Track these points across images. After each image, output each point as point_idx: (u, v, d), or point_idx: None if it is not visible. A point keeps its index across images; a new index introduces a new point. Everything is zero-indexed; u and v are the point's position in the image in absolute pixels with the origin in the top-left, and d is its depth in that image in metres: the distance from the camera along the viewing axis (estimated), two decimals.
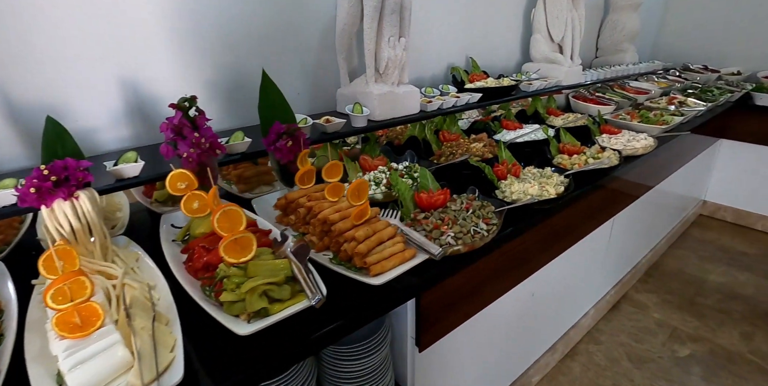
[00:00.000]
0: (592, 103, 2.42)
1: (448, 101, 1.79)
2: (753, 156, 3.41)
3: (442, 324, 1.32)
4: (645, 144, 2.01)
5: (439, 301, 1.23)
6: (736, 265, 3.01)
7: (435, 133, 1.85)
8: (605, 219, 2.05)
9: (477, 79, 2.12)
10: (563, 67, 2.36)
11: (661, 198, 2.79)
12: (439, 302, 1.24)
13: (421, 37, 2.03)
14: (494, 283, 1.44)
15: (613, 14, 3.13)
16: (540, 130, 1.97)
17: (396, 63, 1.62)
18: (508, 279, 1.50)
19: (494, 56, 2.47)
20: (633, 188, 2.26)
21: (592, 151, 1.84)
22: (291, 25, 1.60)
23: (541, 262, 1.67)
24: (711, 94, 3.04)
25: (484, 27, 2.33)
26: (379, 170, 1.51)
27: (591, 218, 1.88)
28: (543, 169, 1.67)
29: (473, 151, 1.67)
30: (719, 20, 3.81)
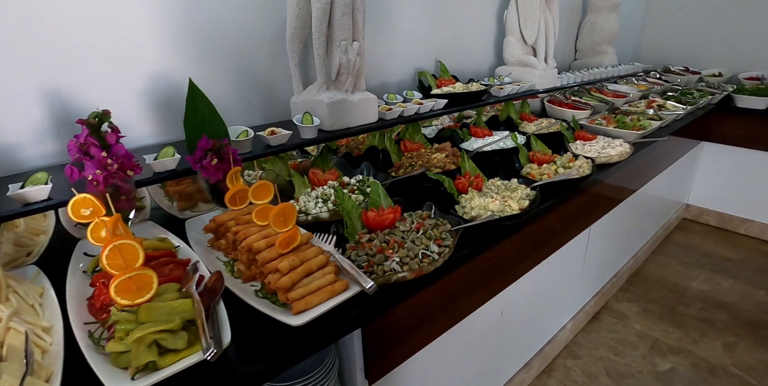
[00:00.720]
0: (567, 108, 2.30)
1: (409, 108, 1.66)
2: (735, 158, 3.31)
3: (394, 353, 1.19)
4: (620, 151, 1.89)
5: (387, 331, 1.10)
6: (720, 272, 2.90)
7: (397, 142, 1.72)
8: (580, 230, 1.92)
9: (445, 84, 1.99)
10: (537, 71, 2.24)
11: (643, 203, 2.67)
12: (387, 332, 1.10)
13: (386, 40, 1.90)
14: (454, 306, 1.30)
15: (592, 15, 3.02)
16: (510, 138, 1.84)
17: (349, 69, 1.48)
18: (470, 300, 1.37)
19: (466, 59, 2.34)
20: (610, 195, 2.14)
21: (564, 159, 1.72)
22: (241, 29, 1.47)
23: (509, 279, 1.54)
24: (691, 97, 2.93)
25: (455, 29, 2.20)
26: (329, 185, 1.37)
27: (563, 230, 1.75)
28: (509, 180, 1.54)
29: (434, 162, 1.53)
30: (700, 21, 3.71)
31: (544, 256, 1.70)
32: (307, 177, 1.41)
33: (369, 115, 1.56)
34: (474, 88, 1.92)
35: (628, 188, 2.33)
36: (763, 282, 2.80)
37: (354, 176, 1.47)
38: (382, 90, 1.92)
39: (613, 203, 2.20)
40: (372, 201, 1.28)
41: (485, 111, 2.36)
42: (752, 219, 3.33)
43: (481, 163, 1.68)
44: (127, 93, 1.29)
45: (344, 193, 1.22)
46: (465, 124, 2.07)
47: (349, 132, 1.49)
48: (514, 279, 1.55)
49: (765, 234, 3.29)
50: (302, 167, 1.46)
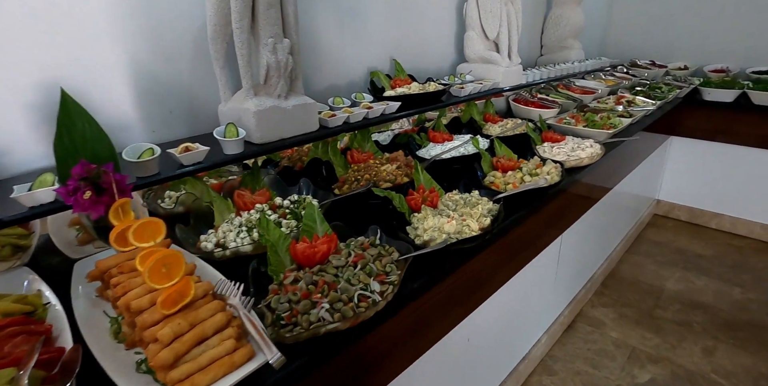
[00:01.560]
0: (533, 107, 2.11)
1: (356, 113, 1.44)
2: (704, 152, 3.20)
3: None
4: (591, 152, 1.71)
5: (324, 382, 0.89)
6: (693, 269, 2.78)
7: (344, 152, 1.50)
8: (551, 239, 1.74)
9: (400, 85, 1.77)
10: (500, 68, 2.05)
11: (615, 202, 2.53)
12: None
13: (333, 36, 1.67)
14: (407, 348, 1.10)
15: (557, 9, 2.84)
16: (471, 143, 1.64)
17: (280, 71, 1.25)
18: (427, 336, 1.17)
19: (425, 57, 2.13)
20: (582, 199, 1.97)
21: (530, 165, 1.53)
22: (157, 28, 1.23)
23: (473, 305, 1.34)
24: (660, 91, 2.80)
25: (413, 23, 1.99)
26: (257, 209, 1.14)
27: (532, 243, 1.57)
28: (470, 192, 1.34)
29: (383, 175, 1.32)
30: (664, 15, 3.59)
31: (513, 273, 1.51)
32: (232, 200, 1.17)
33: (307, 123, 1.33)
34: (431, 89, 1.71)
35: (600, 189, 2.17)
36: (736, 278, 2.69)
37: (290, 196, 1.25)
38: (330, 93, 1.69)
39: (585, 206, 2.03)
40: (305, 227, 1.05)
41: (449, 111, 2.16)
42: (722, 213, 3.24)
43: (440, 172, 1.47)
44: (8, 106, 1.03)
45: (268, 220, 0.99)
46: (424, 128, 1.86)
47: (283, 144, 1.26)
48: (479, 304, 1.36)
49: (736, 228, 3.21)
50: (228, 188, 1.23)
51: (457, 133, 1.84)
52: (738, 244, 3.09)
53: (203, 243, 1.03)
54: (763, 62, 3.31)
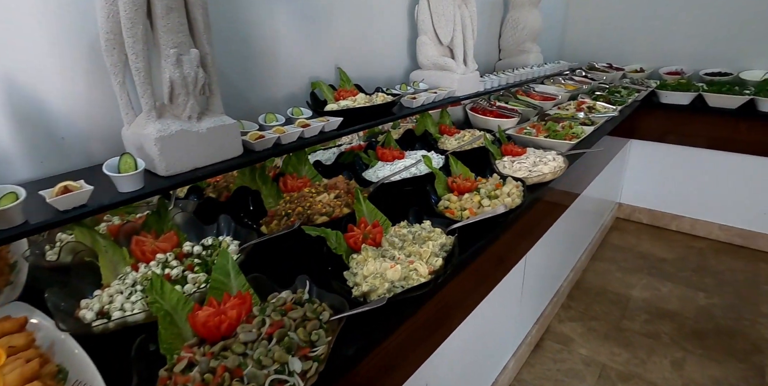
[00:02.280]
0: (492, 116, 1.96)
1: (289, 133, 1.23)
2: (661, 155, 3.16)
3: None
4: (554, 166, 1.57)
5: None
6: (658, 275, 2.72)
7: (276, 178, 1.28)
8: (515, 262, 1.59)
9: (345, 96, 1.58)
10: (455, 75, 1.88)
11: (580, 210, 2.42)
12: None
13: (266, 43, 1.45)
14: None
15: (513, 11, 2.72)
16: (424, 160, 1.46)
17: (187, 87, 1.03)
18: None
19: (375, 64, 1.94)
20: (547, 215, 1.83)
21: (489, 185, 1.36)
22: (43, 36, 0.98)
23: (430, 348, 1.17)
24: (619, 96, 2.72)
25: (361, 27, 1.79)
26: (158, 260, 0.92)
27: (493, 272, 1.41)
28: (422, 222, 1.16)
29: (317, 208, 1.12)
30: (619, 17, 3.54)
31: (474, 305, 1.34)
32: (128, 248, 0.94)
33: (227, 148, 1.12)
34: (379, 100, 1.53)
35: (565, 200, 2.05)
36: (700, 283, 2.64)
37: (206, 238, 1.03)
38: (264, 108, 1.48)
39: (550, 221, 1.90)
40: (215, 284, 0.84)
41: (402, 123, 1.98)
42: (682, 214, 3.21)
43: (389, 197, 1.29)
44: None
45: (162, 280, 0.78)
46: (373, 144, 1.67)
47: (195, 175, 1.04)
48: (436, 347, 1.18)
49: (695, 229, 3.18)
50: (127, 231, 1.00)
51: (410, 149, 1.66)
52: (698, 246, 3.06)
53: (83, 312, 0.81)
54: (715, 64, 3.31)
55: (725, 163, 2.95)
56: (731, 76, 3.18)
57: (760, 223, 2.97)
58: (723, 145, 2.93)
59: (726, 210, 3.05)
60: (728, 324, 2.29)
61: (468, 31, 1.91)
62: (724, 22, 3.16)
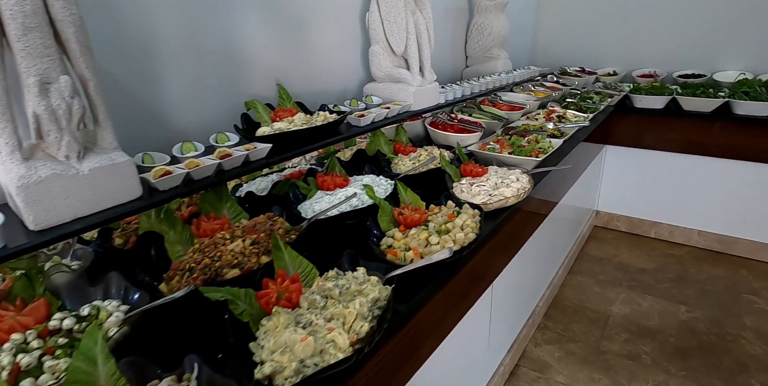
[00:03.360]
0: (452, 131, 1.79)
1: (204, 167, 1.04)
2: (637, 160, 3.04)
3: None
4: (517, 188, 1.40)
5: None
6: (638, 288, 2.58)
7: (190, 219, 1.09)
8: (477, 297, 1.42)
9: (282, 117, 1.39)
10: (410, 87, 1.71)
11: (556, 223, 2.27)
12: None
13: (193, 60, 1.26)
14: None
15: (479, 16, 2.56)
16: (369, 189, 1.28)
17: (59, 122, 0.84)
18: None
19: (325, 78, 1.76)
20: (516, 237, 1.68)
21: (441, 217, 1.19)
22: None
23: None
24: (591, 102, 2.58)
25: (308, 37, 1.61)
26: (12, 342, 0.72)
27: (446, 318, 1.23)
28: (355, 269, 0.98)
29: (227, 259, 0.93)
30: (590, 20, 3.42)
31: (429, 353, 1.17)
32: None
33: (121, 191, 0.92)
34: (318, 121, 1.35)
35: (538, 216, 1.90)
36: (681, 294, 2.51)
37: (91, 302, 0.83)
38: (185, 135, 1.28)
39: (520, 242, 1.74)
40: (73, 375, 0.65)
41: (361, 137, 1.80)
42: (660, 221, 3.09)
43: (322, 238, 1.11)
44: None
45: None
46: (314, 170, 1.48)
47: (73, 229, 0.84)
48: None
49: (674, 236, 3.06)
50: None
51: (358, 172, 1.48)
52: (678, 254, 2.94)
53: None
54: (688, 65, 3.20)
55: (702, 167, 2.83)
56: (705, 77, 3.08)
57: (738, 229, 2.85)
58: (699, 149, 2.81)
59: (704, 216, 2.93)
60: (711, 341, 2.15)
61: (424, 39, 1.74)
62: (697, 24, 3.06)
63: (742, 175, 2.72)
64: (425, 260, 0.95)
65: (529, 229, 1.82)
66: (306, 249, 1.04)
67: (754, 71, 2.98)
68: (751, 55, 3.00)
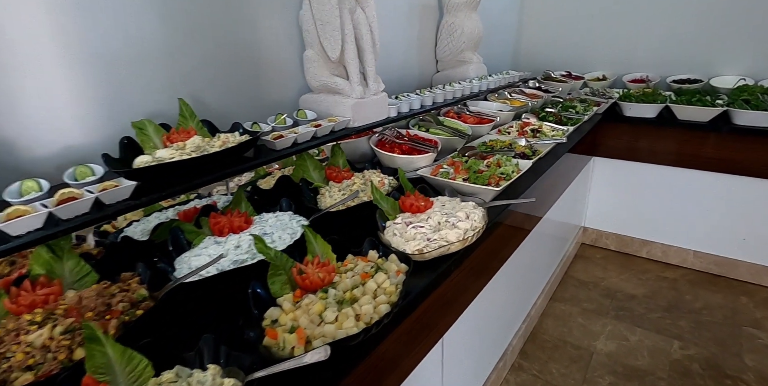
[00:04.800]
0: (400, 152, 1.49)
1: (24, 221, 0.75)
2: (627, 174, 2.73)
3: None
4: (465, 229, 1.10)
5: None
6: (626, 318, 2.28)
7: (19, 283, 0.80)
8: (418, 360, 1.13)
9: (176, 140, 1.10)
10: (348, 99, 1.41)
11: (539, 239, 1.99)
12: None
13: (75, 72, 0.97)
14: None
15: (449, 16, 2.26)
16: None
17: None
18: None
19: (256, 88, 1.46)
20: (497, 255, 1.39)
21: (349, 280, 0.89)
22: None
23: None
24: (574, 112, 2.27)
25: (227, 39, 1.31)
26: None
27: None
28: (205, 368, 0.68)
29: (18, 358, 0.63)
30: (578, 20, 3.11)
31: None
32: None
33: None
34: (216, 147, 1.05)
35: (518, 234, 1.61)
36: (674, 327, 2.21)
37: None
38: (41, 168, 0.99)
39: (493, 268, 1.46)
40: None
41: (294, 158, 1.50)
42: (652, 240, 2.78)
43: (185, 308, 0.82)
44: None
45: None
46: (211, 207, 1.18)
47: None
48: None
49: (667, 256, 2.76)
50: None
51: (273, 206, 1.18)
52: (671, 277, 2.64)
53: None
54: (683, 70, 2.89)
55: (698, 182, 2.53)
56: (701, 83, 2.77)
57: (738, 250, 2.55)
58: (695, 162, 2.50)
59: (701, 236, 2.63)
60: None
61: (366, 42, 1.44)
62: (692, 25, 2.75)
63: (743, 191, 2.42)
64: (293, 361, 0.65)
65: (507, 250, 1.53)
66: (158, 330, 0.75)
67: (754, 76, 2.68)
68: (751, 59, 2.70)
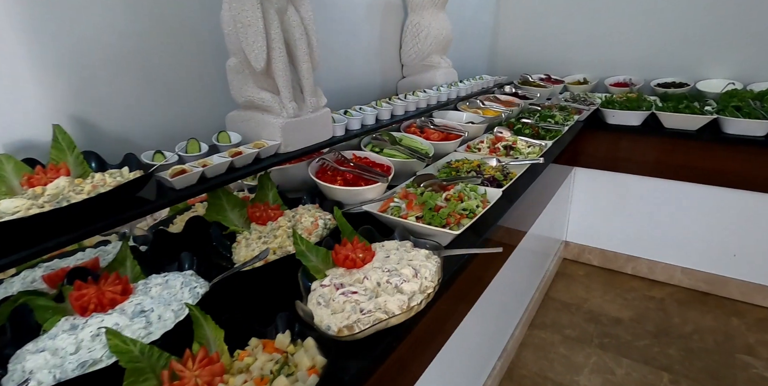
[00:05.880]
0: (342, 183, 1.22)
1: None
2: (610, 185, 2.52)
3: None
4: (412, 293, 0.85)
5: None
6: (612, 347, 2.07)
7: None
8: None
9: (37, 183, 0.82)
10: (277, 119, 1.15)
11: (515, 259, 1.75)
12: None
13: None
14: None
15: (414, 15, 2.00)
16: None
17: None
18: None
19: (174, 106, 1.19)
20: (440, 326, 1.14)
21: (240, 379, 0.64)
22: None
23: None
24: (553, 122, 2.04)
25: (127, 42, 1.04)
26: None
27: None
28: None
29: None
30: (558, 21, 2.88)
31: None
32: None
33: None
34: (84, 194, 0.78)
35: (493, 261, 1.38)
36: (662, 356, 2.00)
37: None
38: None
39: (460, 314, 1.22)
40: None
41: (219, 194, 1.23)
42: (638, 256, 2.58)
43: None
44: None
45: None
46: (82, 270, 0.91)
47: None
48: None
49: (654, 273, 2.56)
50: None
51: (174, 264, 0.91)
52: (659, 296, 2.44)
53: None
54: (668, 73, 2.69)
55: (686, 195, 2.33)
56: (687, 87, 2.57)
57: (728, 267, 2.36)
58: (682, 173, 2.30)
59: (689, 252, 2.43)
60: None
61: (300, 49, 1.17)
62: (677, 26, 2.54)
63: (733, 204, 2.23)
64: None
65: (478, 287, 1.29)
66: None
67: (743, 80, 2.48)
68: (739, 62, 2.51)
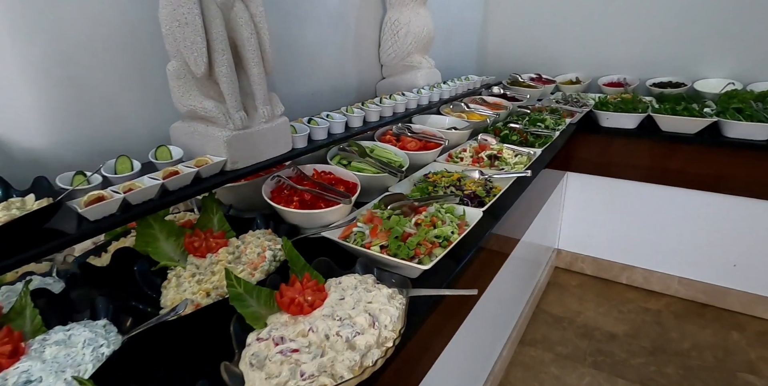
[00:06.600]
0: (298, 205, 1.05)
1: None
2: (604, 191, 2.39)
3: None
4: (367, 347, 0.70)
5: None
6: (606, 366, 1.94)
7: None
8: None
9: None
10: (222, 132, 0.99)
11: (505, 270, 1.61)
12: None
13: None
14: None
15: (392, 11, 1.84)
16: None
17: None
18: None
19: (107, 114, 1.03)
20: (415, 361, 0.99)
21: None
22: None
23: None
24: (543, 126, 1.89)
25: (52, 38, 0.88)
26: None
27: None
28: None
29: None
30: (549, 18, 2.73)
31: None
32: None
33: None
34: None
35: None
36: (660, 376, 1.87)
37: None
38: None
39: (438, 348, 1.08)
40: None
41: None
42: (633, 265, 2.45)
43: None
44: None
45: None
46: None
47: None
48: None
49: (650, 283, 2.43)
50: None
51: (87, 312, 0.75)
52: (655, 308, 2.31)
53: None
54: (664, 72, 2.54)
55: (684, 201, 2.20)
56: (684, 87, 2.43)
57: (727, 277, 2.23)
58: (680, 179, 2.17)
59: (686, 261, 2.30)
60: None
61: (249, 51, 1.01)
62: (673, 24, 2.40)
63: (733, 212, 2.10)
64: None
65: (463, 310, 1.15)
66: None
67: (742, 79, 2.35)
68: (737, 60, 2.37)
